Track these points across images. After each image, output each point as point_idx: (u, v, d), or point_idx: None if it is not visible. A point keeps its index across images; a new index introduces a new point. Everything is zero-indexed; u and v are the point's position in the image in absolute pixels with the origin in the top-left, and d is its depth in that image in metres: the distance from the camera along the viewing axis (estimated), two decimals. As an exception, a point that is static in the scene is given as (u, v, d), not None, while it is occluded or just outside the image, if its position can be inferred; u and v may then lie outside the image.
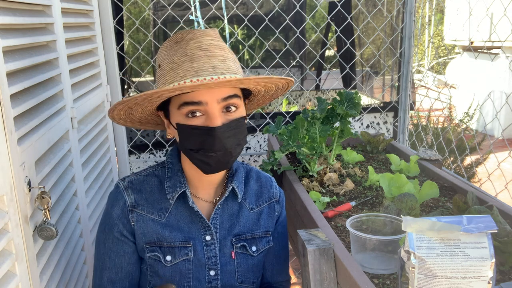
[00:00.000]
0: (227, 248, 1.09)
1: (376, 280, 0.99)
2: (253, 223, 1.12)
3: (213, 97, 0.95)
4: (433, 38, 9.33)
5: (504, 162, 2.02)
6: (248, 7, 4.43)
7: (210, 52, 0.96)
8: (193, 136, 0.97)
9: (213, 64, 0.95)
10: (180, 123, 0.98)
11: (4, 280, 0.84)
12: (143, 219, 1.06)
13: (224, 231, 1.10)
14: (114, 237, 1.06)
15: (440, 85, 7.50)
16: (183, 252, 1.05)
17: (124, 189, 1.07)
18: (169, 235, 1.05)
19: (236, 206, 1.12)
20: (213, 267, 1.07)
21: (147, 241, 1.06)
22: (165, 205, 1.07)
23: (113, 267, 1.07)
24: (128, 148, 2.16)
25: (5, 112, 0.86)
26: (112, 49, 1.89)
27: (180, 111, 0.97)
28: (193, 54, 0.96)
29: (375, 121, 3.06)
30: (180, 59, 0.96)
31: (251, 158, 2.82)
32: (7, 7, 0.98)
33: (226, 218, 1.11)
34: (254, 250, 1.11)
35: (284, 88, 1.11)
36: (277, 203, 1.17)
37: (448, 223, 0.80)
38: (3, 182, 0.84)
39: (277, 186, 1.20)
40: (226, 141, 0.97)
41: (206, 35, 0.98)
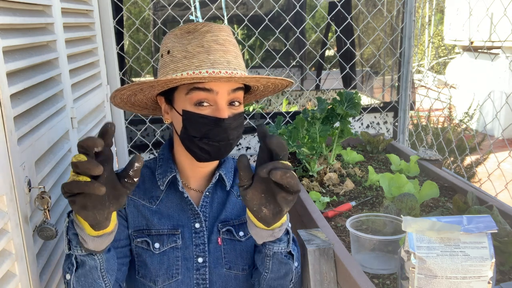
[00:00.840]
0: (214, 234, 1.10)
1: (376, 280, 0.99)
2: (241, 209, 1.13)
3: (224, 87, 0.98)
4: (433, 38, 9.33)
5: (504, 162, 2.02)
6: (248, 7, 4.43)
7: (225, 47, 0.99)
8: (200, 124, 0.99)
9: (227, 59, 0.98)
10: (187, 110, 1.00)
11: (4, 280, 0.84)
12: (134, 203, 1.08)
13: (212, 219, 1.11)
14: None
15: (440, 85, 7.50)
16: (171, 239, 1.07)
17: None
18: (158, 222, 1.07)
19: (224, 194, 1.13)
20: (201, 254, 1.08)
21: (135, 228, 1.07)
22: (156, 194, 1.09)
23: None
24: (128, 148, 2.15)
25: (5, 112, 0.86)
26: (112, 49, 1.89)
27: (189, 97, 0.98)
28: (209, 46, 0.98)
29: (375, 121, 3.06)
30: (195, 49, 0.98)
31: (251, 158, 2.82)
32: (7, 7, 0.98)
33: (214, 206, 1.12)
34: (241, 235, 1.11)
35: (282, 87, 1.14)
36: None
37: (448, 223, 0.80)
38: (3, 182, 0.84)
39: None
40: (231, 132, 1.00)
41: (222, 30, 1.01)
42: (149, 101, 1.11)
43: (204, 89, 0.97)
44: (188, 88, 0.98)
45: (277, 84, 1.09)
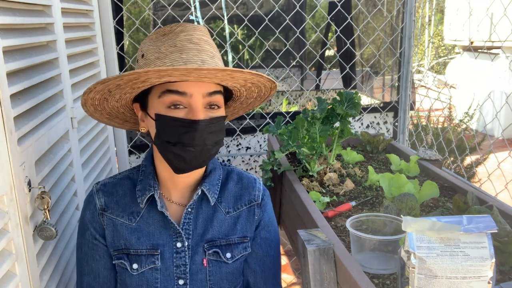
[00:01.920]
0: (198, 255, 1.04)
1: (376, 280, 0.99)
2: (229, 228, 1.06)
3: (199, 90, 0.92)
4: (433, 38, 9.33)
5: (504, 162, 2.02)
6: (248, 7, 4.43)
7: (200, 46, 0.94)
8: (173, 128, 0.93)
9: (202, 58, 0.93)
10: (159, 113, 0.94)
11: (4, 280, 0.84)
12: (113, 223, 1.03)
13: (197, 237, 1.04)
14: (87, 241, 1.04)
15: (440, 85, 7.50)
16: (150, 260, 1.02)
17: (96, 192, 1.05)
18: (136, 242, 1.02)
19: (210, 210, 1.06)
20: (181, 276, 1.02)
21: (114, 248, 1.03)
22: (137, 209, 1.04)
23: (91, 272, 1.05)
24: (128, 148, 2.16)
25: (5, 112, 0.86)
26: (112, 49, 1.89)
27: (162, 100, 0.93)
28: (182, 45, 0.93)
29: (375, 121, 3.06)
30: (168, 49, 0.94)
31: (251, 158, 2.82)
32: (7, 7, 0.98)
33: (199, 222, 1.05)
34: (228, 257, 1.05)
35: (265, 95, 1.08)
36: (258, 206, 1.10)
37: (448, 223, 0.80)
38: (3, 182, 0.84)
39: (262, 188, 1.13)
40: (207, 136, 0.93)
41: (197, 29, 0.97)
42: (126, 110, 1.06)
43: (177, 92, 0.91)
44: (160, 91, 0.93)
45: (259, 86, 1.03)
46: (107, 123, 1.10)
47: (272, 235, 1.13)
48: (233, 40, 5.38)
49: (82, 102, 0.98)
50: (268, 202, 1.13)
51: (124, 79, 0.90)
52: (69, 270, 1.21)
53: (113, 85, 0.92)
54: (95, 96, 0.96)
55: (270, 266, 1.13)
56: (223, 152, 2.80)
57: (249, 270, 1.11)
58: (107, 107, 1.02)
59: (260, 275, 1.12)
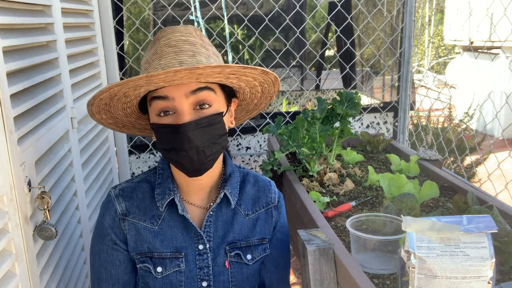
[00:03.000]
0: (220, 257, 1.05)
1: (376, 280, 0.99)
2: (249, 230, 1.08)
3: (180, 92, 0.91)
4: (433, 38, 9.33)
5: (504, 162, 2.02)
6: (248, 7, 4.43)
7: (178, 48, 0.94)
8: (164, 135, 0.94)
9: (180, 60, 0.92)
10: (153, 122, 0.96)
11: (4, 280, 0.84)
12: (135, 227, 1.03)
13: (218, 239, 1.05)
14: (107, 246, 1.04)
15: (440, 85, 7.50)
16: (175, 263, 1.02)
17: (115, 197, 1.04)
18: (160, 246, 1.02)
19: (230, 213, 1.07)
20: (205, 278, 1.03)
21: (138, 252, 1.03)
22: (157, 213, 1.04)
23: (110, 278, 1.04)
24: (128, 148, 2.15)
25: (5, 112, 0.86)
26: (112, 49, 1.89)
27: (152, 108, 0.95)
28: (161, 51, 0.94)
29: (375, 121, 3.06)
30: (151, 57, 0.96)
31: (251, 158, 2.82)
32: (7, 7, 0.98)
33: (220, 225, 1.06)
34: (249, 259, 1.07)
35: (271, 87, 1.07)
36: (275, 208, 1.13)
37: (448, 223, 0.80)
38: (3, 182, 0.84)
39: (276, 190, 1.16)
40: (196, 138, 0.92)
41: (176, 31, 0.97)
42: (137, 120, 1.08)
43: (160, 97, 0.92)
44: (149, 99, 0.96)
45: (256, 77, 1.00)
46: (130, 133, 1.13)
47: (286, 236, 1.17)
48: (233, 40, 5.38)
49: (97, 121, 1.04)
50: (283, 204, 1.16)
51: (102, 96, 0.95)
52: (69, 270, 1.21)
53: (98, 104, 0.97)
54: (101, 115, 1.01)
55: (283, 266, 1.16)
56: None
57: (265, 270, 1.14)
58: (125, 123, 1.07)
59: (276, 275, 1.15)
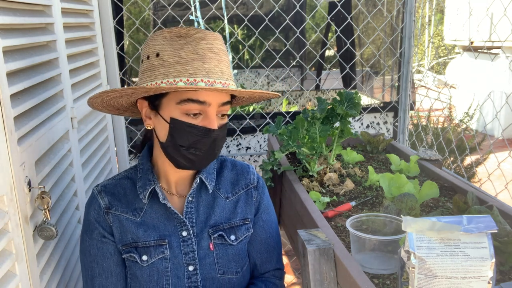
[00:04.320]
0: (204, 240, 1.09)
1: (376, 280, 0.99)
2: (230, 211, 1.13)
3: (217, 100, 0.99)
4: (433, 38, 9.33)
5: (504, 162, 2.02)
6: (248, 7, 4.43)
7: (219, 56, 0.99)
8: (189, 134, 0.98)
9: (221, 69, 0.98)
10: (176, 118, 0.98)
11: (4, 280, 0.84)
12: (118, 218, 1.06)
13: (200, 224, 1.09)
14: (96, 240, 1.06)
15: (440, 85, 7.50)
16: (159, 250, 1.06)
17: (98, 193, 1.08)
18: (143, 235, 1.06)
19: (210, 197, 1.12)
20: (191, 262, 1.07)
21: (123, 243, 1.06)
22: (140, 205, 1.08)
23: (103, 272, 1.07)
24: (128, 148, 2.15)
25: (5, 112, 0.87)
26: (112, 49, 1.89)
27: (180, 107, 0.97)
28: (204, 54, 0.97)
29: (375, 121, 3.06)
30: (189, 55, 0.96)
31: (251, 158, 2.82)
32: (7, 7, 0.98)
33: (201, 210, 1.11)
34: (233, 239, 1.11)
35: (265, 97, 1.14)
36: (254, 189, 1.17)
37: (448, 223, 0.80)
38: (3, 182, 0.84)
39: (255, 172, 1.20)
40: (218, 143, 1.02)
41: (217, 38, 1.01)
42: (128, 104, 1.10)
43: (197, 101, 0.97)
44: (180, 98, 0.97)
45: (263, 95, 1.10)
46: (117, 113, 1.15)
47: (272, 216, 1.21)
48: (233, 40, 5.38)
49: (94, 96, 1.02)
50: (264, 186, 1.21)
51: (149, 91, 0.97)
52: (69, 270, 1.21)
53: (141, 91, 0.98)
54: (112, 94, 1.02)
55: (274, 245, 1.20)
56: (223, 152, 2.80)
57: (255, 252, 1.17)
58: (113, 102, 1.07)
59: (265, 255, 1.18)
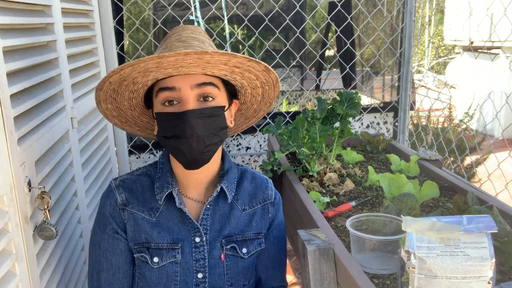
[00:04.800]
0: (216, 250, 1.07)
1: (376, 280, 0.99)
2: (245, 224, 1.11)
3: (186, 83, 0.96)
4: (433, 38, 9.33)
5: (504, 162, 2.02)
6: (248, 7, 4.43)
7: (187, 43, 1.00)
8: (167, 122, 0.98)
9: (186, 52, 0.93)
10: (157, 112, 1.00)
11: (4, 280, 0.84)
12: (134, 217, 1.06)
13: (214, 232, 1.08)
14: (108, 235, 1.06)
15: (440, 85, 7.50)
16: (171, 254, 1.05)
17: (116, 188, 1.08)
18: (157, 236, 1.05)
19: (227, 207, 1.10)
20: (201, 269, 1.06)
21: (135, 242, 1.05)
22: (156, 205, 1.07)
23: (110, 267, 1.06)
24: (128, 148, 2.15)
25: (5, 112, 0.87)
26: (112, 49, 1.89)
27: (158, 99, 0.99)
28: (171, 45, 1.00)
29: (375, 121, 3.06)
30: (161, 51, 1.00)
31: (251, 158, 2.82)
32: (7, 7, 0.98)
33: (217, 219, 1.09)
34: (244, 252, 1.09)
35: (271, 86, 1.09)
36: (271, 205, 1.16)
37: (448, 223, 0.81)
38: (3, 182, 0.84)
39: (274, 188, 1.19)
40: (198, 126, 0.95)
41: (186, 29, 1.03)
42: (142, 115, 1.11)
43: (166, 88, 0.97)
44: (155, 90, 0.99)
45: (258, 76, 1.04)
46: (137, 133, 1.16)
47: (283, 233, 1.20)
48: (233, 40, 5.38)
49: (104, 115, 1.06)
50: (280, 202, 1.19)
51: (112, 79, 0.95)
52: (69, 270, 1.21)
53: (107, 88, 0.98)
54: (107, 106, 1.03)
55: (280, 262, 1.19)
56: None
57: (261, 266, 1.17)
58: (127, 116, 1.09)
59: (271, 272, 1.18)
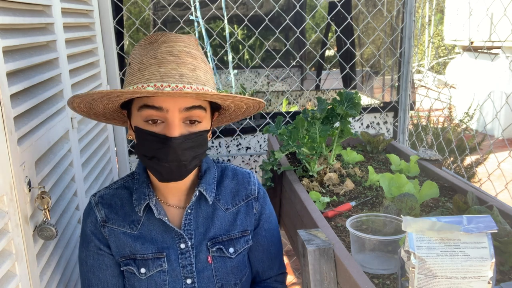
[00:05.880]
0: (203, 253, 1.06)
1: (376, 280, 0.99)
2: (229, 224, 1.09)
3: (175, 105, 0.91)
4: (433, 38, 9.33)
5: (504, 162, 2.02)
6: (248, 7, 4.43)
7: (180, 59, 0.92)
8: (149, 142, 0.93)
9: (181, 72, 0.91)
10: (138, 126, 0.95)
11: (4, 280, 0.84)
12: (114, 233, 1.04)
13: (199, 236, 1.06)
14: (93, 252, 1.05)
15: (440, 85, 7.50)
16: (157, 263, 1.03)
17: (95, 205, 1.06)
18: (141, 248, 1.03)
19: (209, 208, 1.08)
20: (188, 275, 1.05)
21: (121, 255, 1.05)
22: (136, 218, 1.05)
23: (99, 282, 1.06)
24: (128, 148, 2.15)
25: (5, 112, 0.86)
26: (112, 49, 1.89)
27: (140, 114, 0.93)
28: (162, 58, 0.92)
29: (375, 121, 3.06)
30: (148, 61, 0.92)
31: (251, 158, 2.82)
32: (7, 7, 0.98)
33: (200, 222, 1.07)
34: (232, 252, 1.08)
35: (255, 108, 1.08)
36: (255, 200, 1.13)
37: (448, 223, 0.81)
38: (3, 182, 0.84)
39: (256, 181, 1.15)
40: (182, 153, 0.93)
41: (179, 40, 0.95)
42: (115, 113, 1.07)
43: (153, 107, 0.91)
44: (139, 104, 0.93)
45: (247, 102, 1.02)
46: (106, 122, 1.12)
47: (274, 224, 1.19)
48: (233, 40, 5.38)
49: (71, 109, 1.01)
50: (265, 195, 1.17)
51: (94, 96, 0.92)
52: (69, 270, 1.21)
53: (88, 99, 0.95)
54: (79, 105, 0.99)
55: (275, 252, 1.19)
56: (223, 152, 2.80)
57: (257, 260, 1.16)
58: (97, 111, 1.04)
59: (267, 263, 1.18)
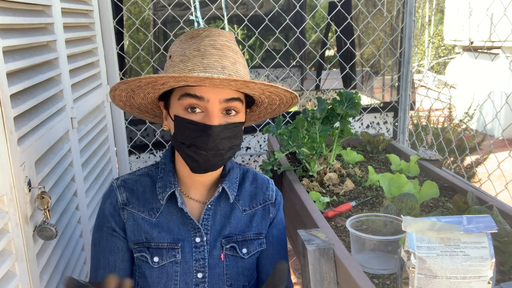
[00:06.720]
0: (216, 250, 1.07)
1: (376, 280, 0.99)
2: (245, 225, 1.11)
3: (216, 96, 0.95)
4: (433, 38, 9.33)
5: (504, 162, 2.02)
6: (248, 7, 4.43)
7: (222, 52, 0.96)
8: (188, 130, 0.96)
9: (223, 64, 0.95)
10: (178, 115, 0.98)
11: (4, 280, 0.84)
12: (133, 217, 1.06)
13: (215, 233, 1.08)
14: (106, 233, 1.06)
15: (440, 85, 7.50)
16: (171, 253, 1.05)
17: (117, 188, 1.08)
18: (157, 236, 1.05)
19: (228, 207, 1.10)
20: (200, 269, 1.06)
21: (135, 241, 1.05)
22: (157, 205, 1.07)
23: (107, 265, 1.06)
24: (128, 148, 2.15)
25: (5, 112, 0.87)
26: (112, 49, 1.89)
27: (181, 103, 0.97)
28: (205, 50, 0.96)
29: (375, 121, 3.06)
30: (191, 53, 0.97)
31: (251, 158, 2.82)
32: (7, 7, 0.98)
33: (218, 219, 1.09)
34: (244, 253, 1.09)
35: (288, 104, 1.10)
36: (272, 205, 1.15)
37: (448, 223, 0.81)
38: (3, 182, 0.84)
39: (275, 188, 1.18)
40: (220, 141, 0.96)
41: (222, 35, 0.99)
42: (150, 105, 1.10)
43: (194, 96, 0.94)
44: (180, 93, 0.97)
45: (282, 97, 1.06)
46: (139, 116, 1.15)
47: (282, 233, 1.19)
48: (233, 40, 5.36)
49: (111, 98, 1.04)
50: (281, 202, 1.19)
51: (142, 82, 0.95)
52: (69, 270, 1.21)
53: (134, 85, 0.97)
54: (121, 94, 1.02)
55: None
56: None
57: (262, 267, 1.16)
58: (135, 103, 1.07)
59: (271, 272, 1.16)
